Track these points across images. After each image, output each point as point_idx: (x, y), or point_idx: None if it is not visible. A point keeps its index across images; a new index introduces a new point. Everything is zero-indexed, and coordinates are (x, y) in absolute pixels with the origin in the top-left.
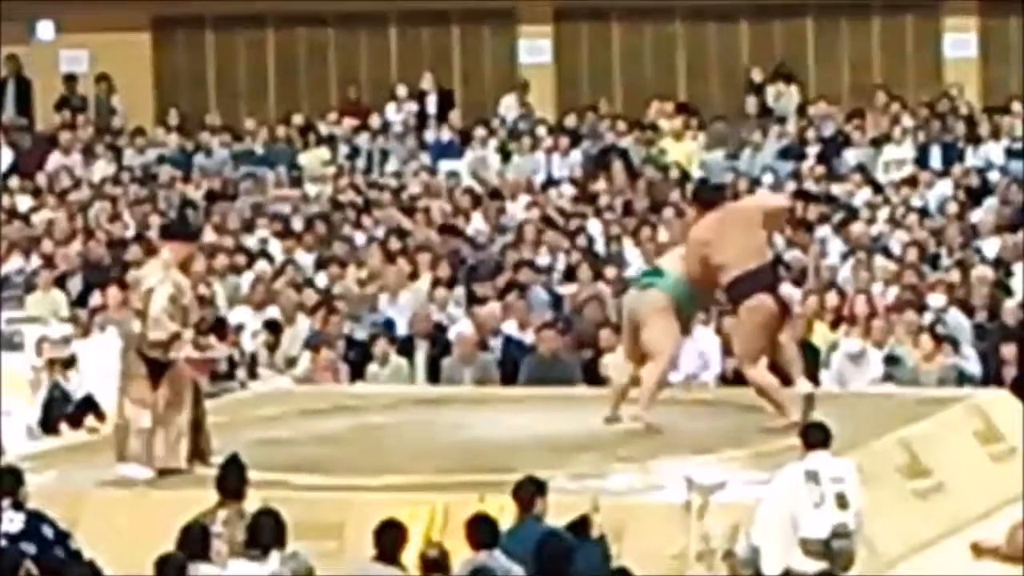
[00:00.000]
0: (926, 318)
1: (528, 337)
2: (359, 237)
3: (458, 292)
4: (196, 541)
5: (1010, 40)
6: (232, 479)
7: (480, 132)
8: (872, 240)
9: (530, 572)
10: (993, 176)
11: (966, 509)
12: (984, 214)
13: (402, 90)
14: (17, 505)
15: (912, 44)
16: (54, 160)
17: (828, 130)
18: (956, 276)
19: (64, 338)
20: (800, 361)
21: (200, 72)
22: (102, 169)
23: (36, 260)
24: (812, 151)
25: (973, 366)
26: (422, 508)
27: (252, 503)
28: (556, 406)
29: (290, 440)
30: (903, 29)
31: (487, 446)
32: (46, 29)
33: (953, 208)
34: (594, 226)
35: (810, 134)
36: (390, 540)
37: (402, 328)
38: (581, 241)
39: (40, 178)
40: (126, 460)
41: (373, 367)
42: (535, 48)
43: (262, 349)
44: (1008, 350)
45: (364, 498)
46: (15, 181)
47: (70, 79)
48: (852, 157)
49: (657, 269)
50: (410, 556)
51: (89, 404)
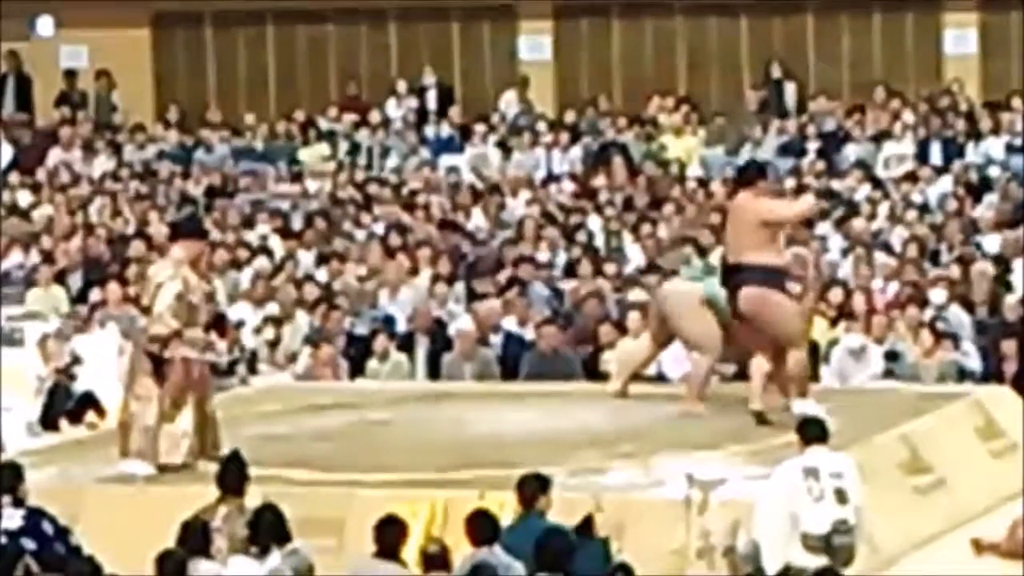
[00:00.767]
0: (927, 314)
1: (528, 333)
2: (359, 233)
3: (458, 288)
4: (196, 537)
5: (1010, 35)
6: (233, 475)
7: (480, 128)
8: (872, 236)
9: (530, 568)
10: (994, 172)
11: (967, 505)
12: (984, 210)
13: (402, 86)
14: (17, 501)
15: (912, 40)
16: (54, 156)
17: (828, 126)
18: (957, 272)
19: (66, 335)
20: (802, 382)
21: (200, 68)
22: (102, 165)
23: (36, 256)
24: (812, 147)
25: (974, 362)
26: (422, 504)
27: (253, 499)
28: (556, 402)
29: (290, 436)
30: (903, 24)
31: (487, 442)
32: (46, 25)
33: (953, 204)
34: (594, 222)
35: (810, 130)
36: (390, 536)
37: (402, 324)
38: (581, 237)
39: (40, 174)
40: (129, 456)
41: (373, 363)
42: (535, 44)
43: (263, 345)
44: (1008, 346)
45: (364, 494)
46: (15, 177)
47: (70, 75)
48: (852, 153)
49: (712, 268)
50: (410, 552)
51: (89, 400)
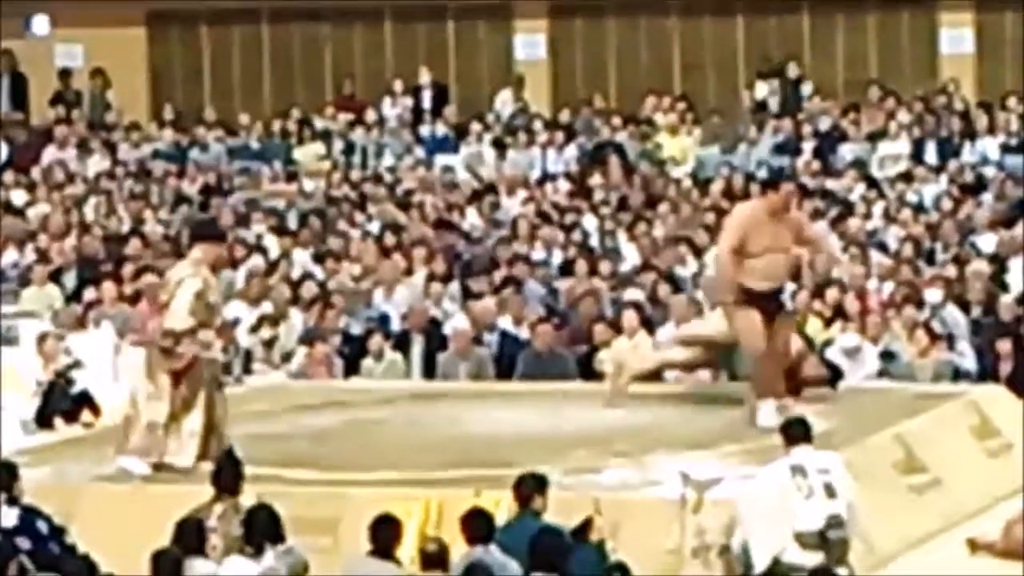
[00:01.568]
0: (923, 314)
1: (523, 332)
2: (354, 232)
3: (453, 287)
4: (192, 536)
5: (1006, 35)
6: (228, 474)
7: (476, 127)
8: (868, 236)
9: (525, 568)
10: (989, 171)
11: (962, 505)
12: (980, 209)
13: (398, 85)
14: (12, 500)
15: (908, 39)
16: (49, 155)
17: (824, 125)
18: (952, 272)
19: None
20: (769, 383)
21: (195, 67)
22: (97, 164)
23: (31, 255)
24: (808, 146)
25: (969, 362)
26: (417, 503)
27: (248, 498)
28: (551, 401)
29: (285, 435)
30: (899, 24)
31: (482, 441)
32: (41, 24)
33: (949, 203)
34: (589, 221)
35: (806, 129)
36: (385, 535)
37: (397, 323)
38: (576, 236)
39: (35, 172)
40: (127, 452)
41: (368, 362)
42: (530, 43)
43: (257, 344)
44: (1004, 345)
45: (359, 493)
46: (10, 175)
47: (65, 74)
48: (848, 152)
49: None
50: (405, 551)
51: (84, 399)
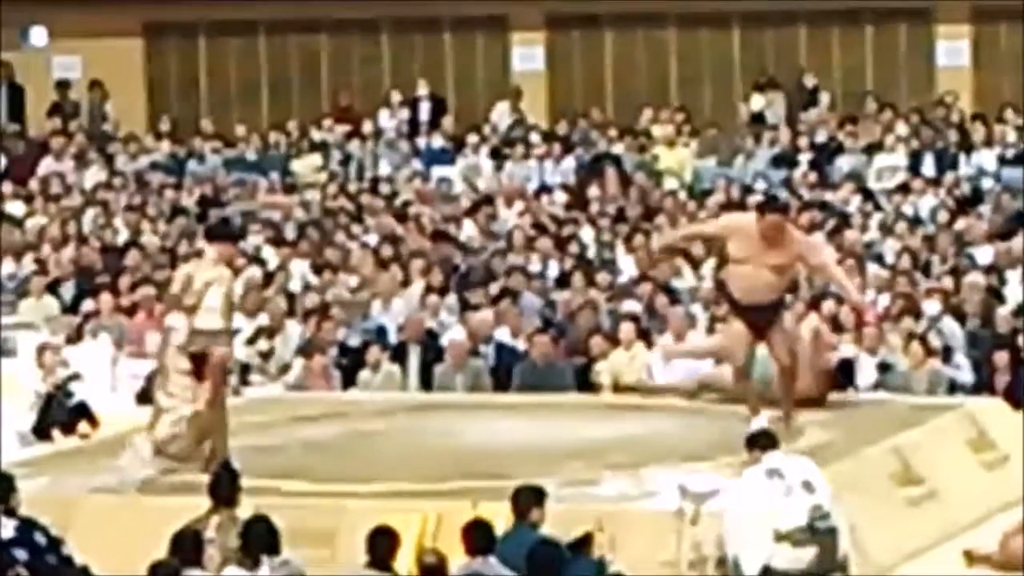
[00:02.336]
0: (920, 326)
1: (520, 344)
2: (351, 244)
3: (450, 299)
4: (189, 547)
5: (1002, 48)
6: (224, 485)
7: (473, 139)
8: (864, 248)
9: None
10: (986, 184)
11: (959, 517)
12: (977, 221)
13: (395, 96)
14: (9, 511)
15: (905, 52)
16: (46, 166)
17: (820, 137)
18: (949, 284)
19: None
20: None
21: (192, 78)
22: (94, 175)
23: (28, 266)
24: (804, 158)
25: (966, 375)
26: (414, 515)
27: (245, 510)
28: (548, 413)
29: (282, 447)
30: (896, 36)
31: (479, 453)
32: (39, 35)
33: (945, 215)
34: (587, 233)
35: (802, 141)
36: (382, 547)
37: (394, 335)
38: (573, 248)
39: (32, 184)
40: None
41: (365, 374)
42: (528, 55)
43: (254, 356)
44: (1000, 358)
45: (356, 505)
46: (7, 187)
47: (62, 85)
48: (845, 164)
49: None
50: (402, 563)
51: (82, 410)
